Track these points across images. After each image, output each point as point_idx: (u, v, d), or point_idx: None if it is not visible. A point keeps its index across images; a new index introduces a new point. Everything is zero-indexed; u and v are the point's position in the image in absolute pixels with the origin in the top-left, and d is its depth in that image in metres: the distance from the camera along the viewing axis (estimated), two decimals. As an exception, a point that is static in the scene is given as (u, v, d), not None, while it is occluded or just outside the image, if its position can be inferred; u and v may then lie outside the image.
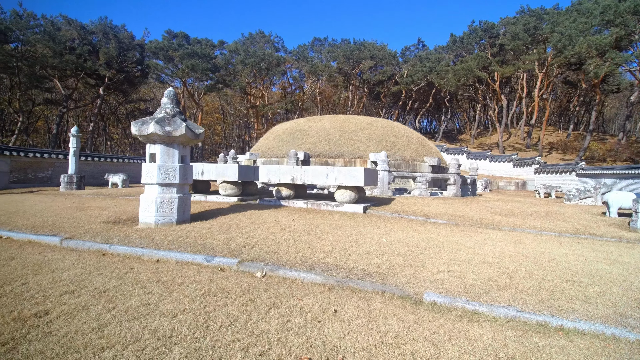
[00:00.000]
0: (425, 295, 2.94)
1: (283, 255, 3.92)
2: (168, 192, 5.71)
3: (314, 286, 3.19)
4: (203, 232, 4.87)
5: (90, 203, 7.97)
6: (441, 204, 8.92)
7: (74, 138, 12.34)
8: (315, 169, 7.82)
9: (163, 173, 5.62)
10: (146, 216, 5.58)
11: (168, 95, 6.01)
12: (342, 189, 7.63)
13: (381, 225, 5.93)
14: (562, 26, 26.06)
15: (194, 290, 2.99)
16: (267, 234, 4.88)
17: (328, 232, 5.10)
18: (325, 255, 3.88)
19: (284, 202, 8.15)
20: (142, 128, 5.52)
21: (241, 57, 36.27)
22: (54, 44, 26.74)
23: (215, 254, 3.98)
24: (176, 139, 5.69)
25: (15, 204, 7.73)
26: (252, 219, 6.05)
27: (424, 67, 37.10)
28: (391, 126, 13.20)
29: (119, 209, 6.99)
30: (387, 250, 4.13)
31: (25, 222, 5.54)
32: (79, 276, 3.26)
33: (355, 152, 11.46)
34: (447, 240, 4.89)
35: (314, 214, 6.94)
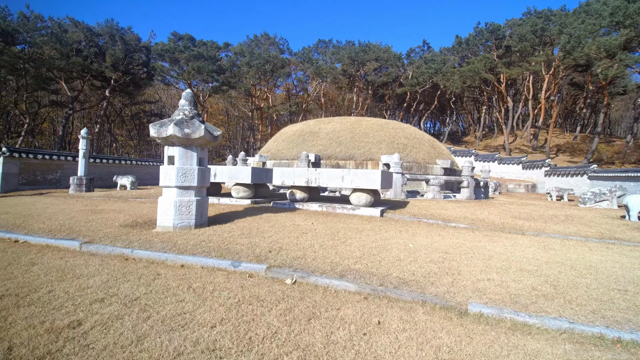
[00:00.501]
0: (470, 306, 2.81)
1: (311, 261, 3.79)
2: (186, 195, 5.61)
3: (348, 294, 3.07)
4: (225, 237, 4.75)
5: (103, 206, 7.88)
6: (457, 207, 8.77)
7: (84, 140, 12.29)
8: (330, 172, 7.70)
9: (181, 176, 5.52)
10: (164, 219, 5.48)
11: (186, 97, 5.92)
12: (357, 191, 7.50)
13: (402, 229, 5.79)
14: (570, 27, 25.88)
15: (228, 298, 2.87)
16: (289, 238, 4.76)
17: (351, 237, 4.97)
18: (355, 262, 3.75)
19: (299, 205, 8.03)
20: (160, 130, 5.43)
21: (246, 59, 36.30)
22: (60, 46, 26.85)
23: (241, 259, 3.86)
24: (195, 141, 5.60)
25: (27, 207, 7.66)
26: (270, 222, 5.94)
27: (430, 69, 36.96)
28: (402, 128, 13.07)
29: (134, 211, 6.90)
30: (417, 256, 4.00)
31: (41, 225, 5.45)
32: (106, 283, 3.15)
33: (366, 155, 11.33)
34: (475, 246, 4.75)
35: (330, 217, 6.82)
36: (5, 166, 12.02)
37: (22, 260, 3.82)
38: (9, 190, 12.10)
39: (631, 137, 33.57)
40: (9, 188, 12.09)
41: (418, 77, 38.02)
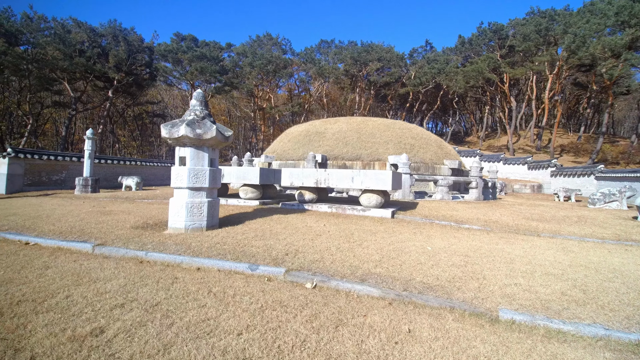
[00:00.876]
0: (501, 313, 2.72)
1: (329, 265, 3.71)
2: (198, 197, 5.54)
3: (371, 300, 2.98)
4: (239, 239, 4.68)
5: (111, 207, 7.82)
6: (467, 208, 8.68)
7: (89, 140, 12.25)
8: (339, 172, 7.62)
9: (193, 177, 5.45)
10: (176, 221, 5.41)
11: (197, 97, 5.85)
12: (368, 192, 7.42)
13: (416, 231, 5.71)
14: (575, 27, 25.75)
15: (250, 303, 2.79)
16: (304, 240, 4.68)
17: (366, 239, 4.89)
18: (375, 265, 3.67)
19: (308, 206, 7.95)
20: (172, 131, 5.37)
21: (249, 59, 36.28)
22: (64, 47, 26.87)
23: (258, 262, 3.78)
24: (206, 141, 5.53)
25: (35, 208, 7.61)
26: (282, 224, 5.86)
27: (432, 69, 36.86)
28: (409, 128, 12.99)
29: (143, 213, 6.83)
30: (438, 260, 3.91)
31: (51, 227, 5.38)
32: (124, 287, 3.08)
33: (373, 155, 11.25)
34: (494, 249, 4.66)
35: (341, 218, 6.74)
36: (11, 167, 11.99)
37: (35, 264, 3.75)
38: (14, 191, 12.06)
39: (635, 137, 33.37)
40: (14, 189, 12.05)
41: (421, 77, 37.93)
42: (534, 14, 35.80)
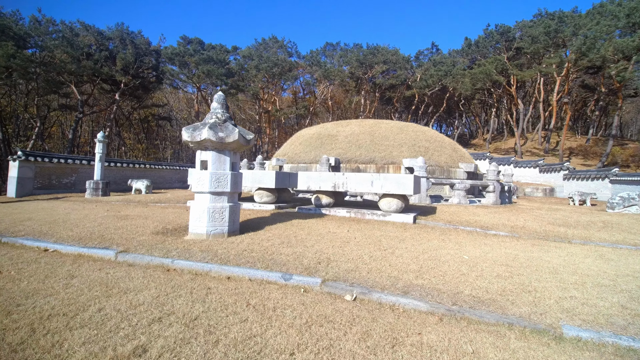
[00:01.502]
0: (565, 329, 2.53)
1: (366, 275, 3.54)
2: (219, 201, 5.39)
3: (420, 315, 2.80)
4: (265, 246, 4.51)
5: (125, 211, 7.70)
6: (488, 213, 8.47)
7: (100, 143, 12.17)
8: (358, 176, 7.45)
9: (215, 181, 5.31)
10: (197, 226, 5.26)
11: (218, 100, 5.72)
12: (388, 197, 7.24)
13: (444, 238, 5.52)
14: (584, 29, 25.50)
15: (294, 318, 2.62)
16: (333, 248, 4.51)
17: (397, 247, 4.70)
18: (415, 276, 3.48)
19: (325, 211, 7.78)
20: (194, 134, 5.23)
21: (255, 62, 36.30)
22: (72, 50, 26.98)
23: (290, 271, 3.62)
24: (228, 145, 5.39)
25: (48, 212, 7.49)
26: (304, 229, 5.69)
27: (439, 71, 36.68)
28: (422, 131, 12.81)
29: (160, 217, 6.69)
30: (481, 270, 3.72)
31: (69, 232, 5.25)
32: (157, 298, 2.92)
33: (387, 158, 11.07)
34: (531, 257, 4.47)
35: (362, 224, 6.56)
36: (21, 170, 11.93)
37: (59, 273, 3.60)
38: (24, 194, 11.99)
39: (646, 140, 32.92)
40: (25, 192, 11.98)
41: (427, 80, 37.75)
42: (542, 16, 35.56)
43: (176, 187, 18.50)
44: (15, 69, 25.09)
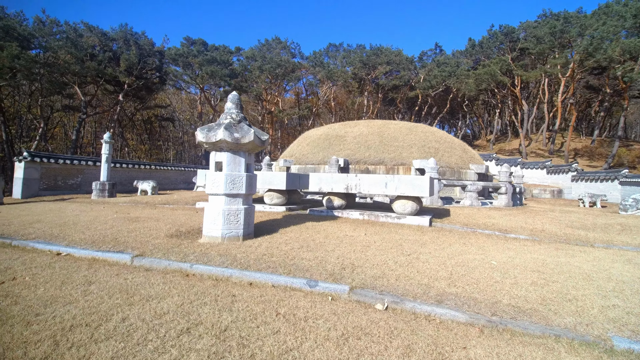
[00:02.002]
0: (615, 341, 2.39)
1: (394, 282, 3.40)
2: (234, 204, 5.26)
3: (460, 326, 2.66)
4: (285, 250, 4.38)
5: (134, 213, 7.57)
6: (502, 215, 8.32)
7: (106, 144, 12.07)
8: (371, 178, 7.31)
9: (230, 183, 5.18)
10: (212, 229, 5.13)
11: (233, 100, 5.60)
12: (402, 199, 7.10)
13: (466, 242, 5.37)
14: (590, 29, 25.34)
15: (328, 329, 2.49)
16: (355, 252, 4.37)
17: (420, 252, 4.56)
18: (447, 284, 3.34)
19: (337, 213, 7.64)
20: (209, 135, 5.11)
21: (258, 63, 36.23)
22: (76, 51, 26.95)
23: (314, 277, 3.48)
24: (243, 146, 5.27)
25: (57, 214, 7.37)
26: (320, 232, 5.56)
27: (443, 72, 36.54)
28: (431, 131, 12.67)
29: (171, 219, 6.56)
30: (514, 277, 3.58)
31: (81, 235, 5.13)
32: (181, 307, 2.79)
33: (397, 159, 10.93)
34: (559, 262, 4.32)
35: (377, 227, 6.42)
36: (27, 171, 11.83)
37: (75, 278, 3.48)
38: (29, 195, 11.89)
39: (652, 141, 32.68)
40: (30, 193, 11.89)
41: (431, 80, 37.61)
42: (546, 17, 35.39)
43: (181, 188, 18.39)
44: (19, 69, 25.06)
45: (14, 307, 2.77)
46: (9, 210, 8.12)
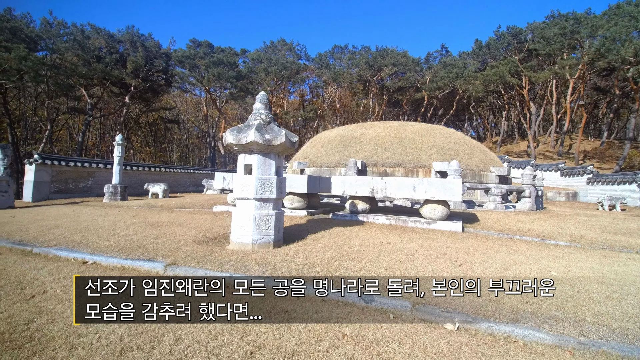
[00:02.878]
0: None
1: (458, 298, 3.12)
2: (265, 208, 5.01)
3: (547, 349, 2.38)
4: (325, 258, 4.12)
5: (153, 217, 7.33)
6: (532, 220, 8.02)
7: (119, 147, 11.87)
8: (399, 181, 7.05)
9: (260, 187, 4.93)
10: (241, 235, 4.87)
11: (261, 100, 5.36)
12: (432, 203, 6.83)
13: (510, 250, 5.09)
14: (602, 30, 25.05)
15: (407, 355, 2.22)
16: (401, 262, 4.10)
17: (469, 262, 4.29)
18: (518, 299, 3.07)
19: (362, 218, 7.38)
20: (240, 136, 4.86)
21: (264, 65, 36.10)
22: (83, 52, 26.88)
23: (367, 292, 3.21)
24: (274, 148, 5.02)
25: (73, 218, 7.14)
26: (353, 239, 5.29)
27: (450, 73, 36.30)
28: (449, 133, 12.40)
29: (193, 224, 6.31)
30: (586, 291, 3.30)
31: (105, 242, 4.88)
32: (235, 325, 2.53)
33: (416, 161, 10.66)
34: (617, 272, 4.04)
35: (409, 232, 6.15)
36: (37, 174, 11.63)
37: (110, 291, 3.21)
38: (40, 199, 11.69)
39: (662, 143, 32.27)
40: (41, 197, 11.68)
41: (438, 82, 37.37)
42: (554, 18, 35.12)
43: (190, 190, 18.17)
44: (26, 71, 24.98)
45: (52, 326, 2.51)
46: (22, 215, 7.90)
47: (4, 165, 9.80)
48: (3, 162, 9.80)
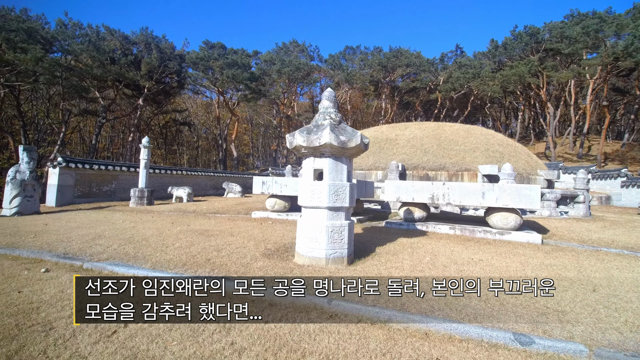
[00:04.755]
0: None
1: (629, 334, 2.54)
2: (338, 218, 4.47)
3: None
4: (428, 282, 3.54)
5: (196, 225, 6.82)
6: (599, 228, 7.39)
7: (145, 149, 11.44)
8: (464, 186, 6.46)
9: (333, 194, 4.39)
10: (312, 248, 4.33)
11: (329, 98, 4.84)
12: (502, 211, 6.23)
13: (619, 266, 4.48)
14: (628, 28, 24.29)
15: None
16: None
17: (603, 286, 3.69)
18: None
19: (420, 226, 6.80)
20: (311, 138, 4.34)
21: (277, 66, 35.76)
22: (98, 54, 26.67)
23: (510, 327, 2.64)
24: (348, 150, 4.49)
25: (110, 226, 6.66)
26: (429, 252, 4.73)
27: (466, 74, 35.62)
28: (491, 134, 11.78)
29: (246, 233, 5.79)
30: None
31: (164, 255, 4.37)
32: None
33: (460, 164, 10.06)
34: None
35: (486, 245, 5.56)
36: (61, 177, 11.22)
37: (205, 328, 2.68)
38: (64, 203, 11.26)
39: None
40: (65, 201, 11.26)
41: (454, 82, 36.69)
42: (573, 17, 34.38)
43: (210, 194, 17.72)
44: (42, 73, 24.80)
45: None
46: (54, 222, 7.42)
47: (29, 169, 9.38)
48: (29, 166, 9.38)
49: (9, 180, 9.07)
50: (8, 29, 24.12)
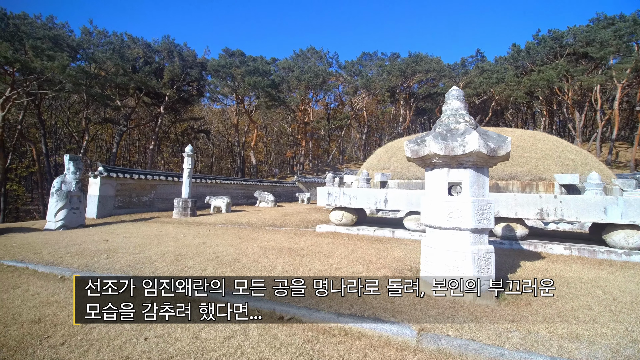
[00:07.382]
0: None
1: None
2: (482, 242, 3.76)
3: None
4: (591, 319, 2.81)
5: (265, 239, 6.15)
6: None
7: (189, 158, 10.91)
8: (581, 200, 5.68)
9: (478, 213, 3.68)
10: (452, 279, 3.61)
11: (458, 97, 4.19)
12: (626, 228, 5.44)
13: None
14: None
15: None
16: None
17: None
18: None
19: (525, 246, 6.04)
20: (452, 145, 3.65)
21: (296, 73, 35.47)
22: (122, 62, 26.62)
23: None
24: (494, 160, 3.82)
25: (180, 243, 6.03)
26: (570, 284, 3.98)
27: (490, 79, 34.85)
28: (557, 140, 10.97)
29: (338, 253, 5.08)
30: None
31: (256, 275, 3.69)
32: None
33: (532, 173, 9.28)
34: None
35: (619, 268, 4.78)
36: (102, 188, 10.72)
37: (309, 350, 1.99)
38: (105, 214, 10.74)
39: None
40: (106, 212, 10.74)
41: (476, 88, 35.94)
42: (600, 20, 33.51)
43: (242, 202, 17.14)
44: (68, 80, 24.75)
45: None
46: (110, 237, 6.83)
47: (75, 179, 8.87)
48: (75, 176, 8.88)
49: (54, 191, 8.56)
50: (35, 37, 24.20)
